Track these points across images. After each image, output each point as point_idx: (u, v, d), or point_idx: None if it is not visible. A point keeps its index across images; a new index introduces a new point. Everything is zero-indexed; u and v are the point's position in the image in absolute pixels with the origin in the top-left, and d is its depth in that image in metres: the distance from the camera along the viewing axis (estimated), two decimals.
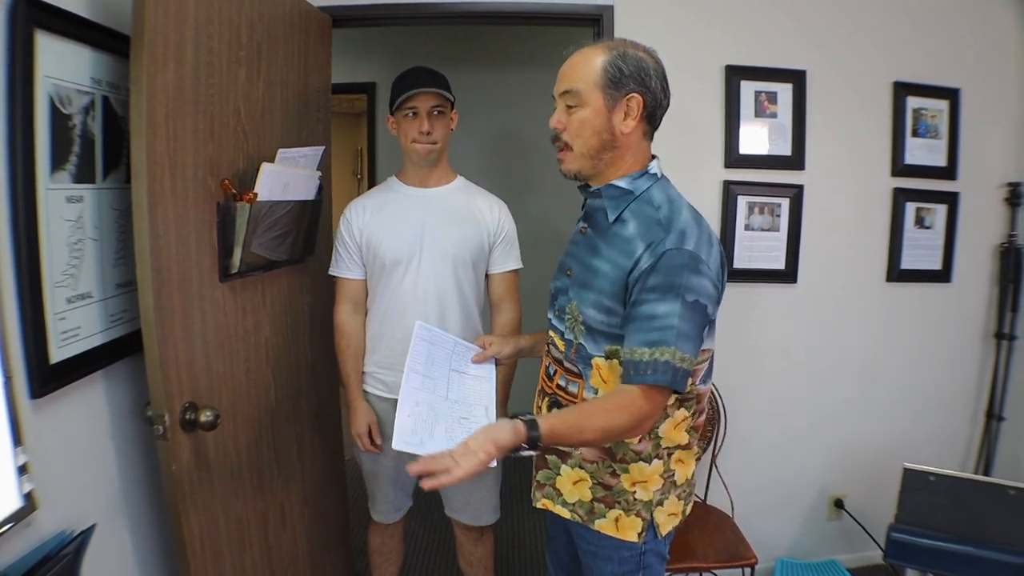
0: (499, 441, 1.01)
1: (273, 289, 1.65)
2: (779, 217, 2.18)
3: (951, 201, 2.25)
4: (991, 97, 2.23)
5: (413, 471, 1.01)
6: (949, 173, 2.24)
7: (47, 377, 1.12)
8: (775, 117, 2.15)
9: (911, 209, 2.23)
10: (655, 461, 1.22)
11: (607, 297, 1.15)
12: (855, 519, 2.33)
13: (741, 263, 2.18)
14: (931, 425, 2.35)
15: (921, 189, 2.23)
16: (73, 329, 1.20)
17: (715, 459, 2.14)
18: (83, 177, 1.23)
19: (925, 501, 1.81)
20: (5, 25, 1.03)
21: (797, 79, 2.13)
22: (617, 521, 1.24)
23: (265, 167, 1.41)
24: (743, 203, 2.16)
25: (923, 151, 2.21)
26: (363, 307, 1.79)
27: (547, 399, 1.30)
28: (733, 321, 2.10)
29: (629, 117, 1.16)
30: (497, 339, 1.51)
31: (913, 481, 1.83)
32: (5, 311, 1.04)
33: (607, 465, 1.23)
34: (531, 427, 1.04)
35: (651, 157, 1.23)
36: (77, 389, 1.22)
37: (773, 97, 2.14)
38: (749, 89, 2.13)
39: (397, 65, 1.83)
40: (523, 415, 1.07)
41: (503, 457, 1.05)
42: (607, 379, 1.18)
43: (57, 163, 1.15)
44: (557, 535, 1.47)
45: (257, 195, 1.40)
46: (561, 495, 1.30)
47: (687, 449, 1.27)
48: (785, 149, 2.16)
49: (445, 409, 1.28)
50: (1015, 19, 2.21)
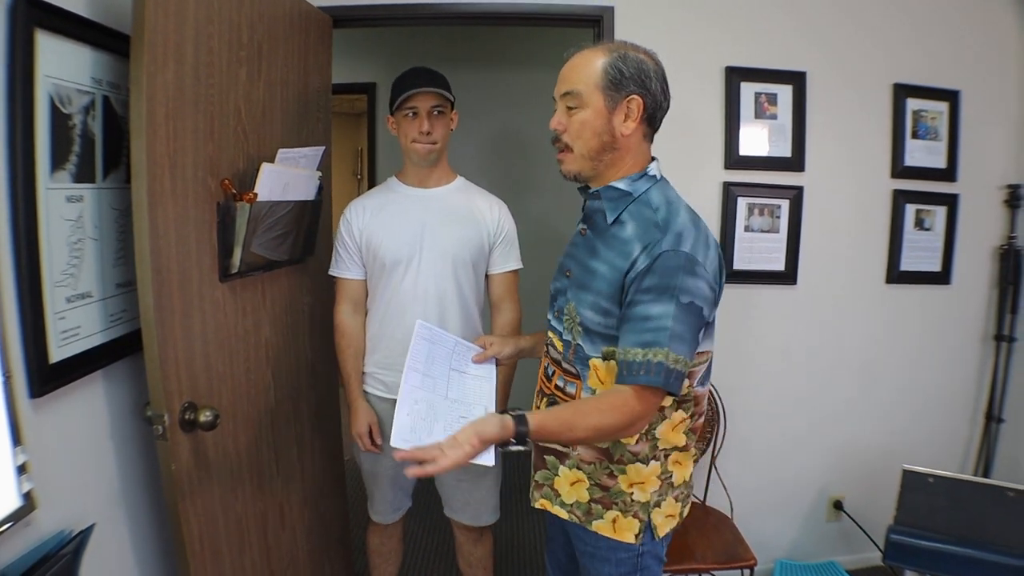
0: (483, 434, 1.02)
1: (273, 289, 1.65)
2: (779, 218, 2.18)
3: (951, 203, 2.25)
4: (991, 99, 2.23)
5: (399, 457, 1.02)
6: (949, 175, 2.24)
7: (46, 377, 1.12)
8: (775, 118, 2.15)
9: (911, 211, 2.23)
10: (652, 463, 1.22)
11: (604, 298, 1.15)
12: (854, 520, 2.33)
13: (741, 264, 2.19)
14: (930, 427, 2.35)
15: (921, 191, 2.23)
16: (73, 329, 1.20)
17: (714, 460, 2.14)
18: (83, 177, 1.23)
19: (924, 503, 1.81)
20: (5, 24, 1.03)
21: (797, 80, 2.13)
22: (614, 522, 1.24)
23: (265, 167, 1.41)
24: (743, 204, 2.16)
25: (923, 153, 2.22)
26: (363, 307, 1.79)
27: (545, 400, 1.30)
28: (733, 322, 2.11)
29: (629, 119, 1.16)
30: (498, 339, 1.51)
31: (912, 483, 1.84)
32: (5, 310, 1.04)
33: (604, 466, 1.23)
34: (519, 422, 1.05)
35: (651, 159, 1.23)
36: (77, 389, 1.22)
37: (773, 98, 2.14)
38: (749, 90, 2.13)
39: (397, 65, 1.83)
40: (513, 410, 1.07)
41: (499, 454, 1.05)
42: (604, 380, 1.18)
43: (57, 163, 1.15)
44: (555, 536, 1.47)
45: (257, 195, 1.40)
46: (559, 496, 1.30)
47: (684, 451, 1.27)
48: (785, 150, 2.16)
49: (444, 408, 1.28)
50: (1015, 21, 2.21)
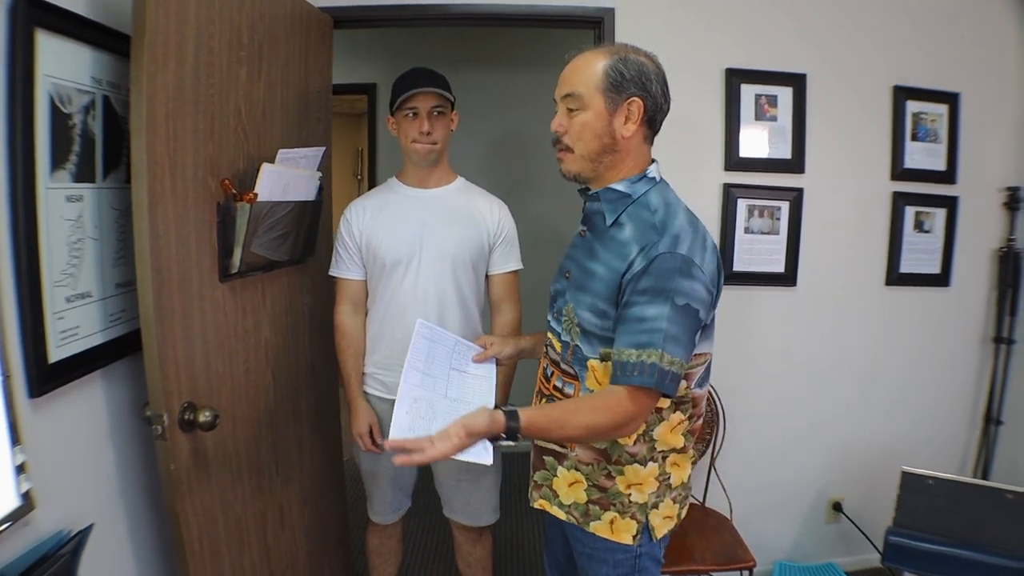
0: (472, 427, 1.02)
1: (273, 289, 1.65)
2: (779, 220, 2.18)
3: (950, 205, 2.25)
4: (991, 101, 2.23)
5: (389, 445, 1.02)
6: (948, 177, 2.24)
7: (46, 376, 1.12)
8: (775, 120, 2.15)
9: (910, 213, 2.23)
10: (650, 464, 1.22)
11: (601, 300, 1.15)
12: (853, 522, 2.33)
13: (741, 266, 2.18)
14: (930, 429, 2.35)
15: (920, 193, 2.23)
16: (72, 328, 1.20)
17: (714, 461, 2.14)
18: (83, 176, 1.23)
19: (923, 504, 1.82)
20: (5, 24, 1.03)
21: (797, 82, 2.14)
22: (612, 523, 1.24)
23: (265, 167, 1.41)
24: (743, 206, 2.16)
25: (923, 155, 2.22)
26: (363, 307, 1.79)
27: (544, 400, 1.30)
28: (732, 324, 2.11)
29: (630, 121, 1.16)
30: (498, 339, 1.52)
31: (911, 484, 1.84)
32: (4, 310, 1.04)
33: (602, 467, 1.23)
34: (510, 418, 1.05)
35: (651, 161, 1.23)
36: (76, 388, 1.21)
37: (773, 100, 2.14)
38: (749, 92, 2.13)
39: (398, 66, 1.83)
40: (506, 406, 1.07)
41: (499, 454, 1.05)
42: (602, 381, 1.18)
43: (57, 162, 1.15)
44: (554, 536, 1.47)
45: (257, 195, 1.40)
46: (558, 496, 1.30)
47: (682, 452, 1.27)
48: (785, 152, 2.16)
49: (444, 407, 1.28)
50: (1015, 24, 2.21)
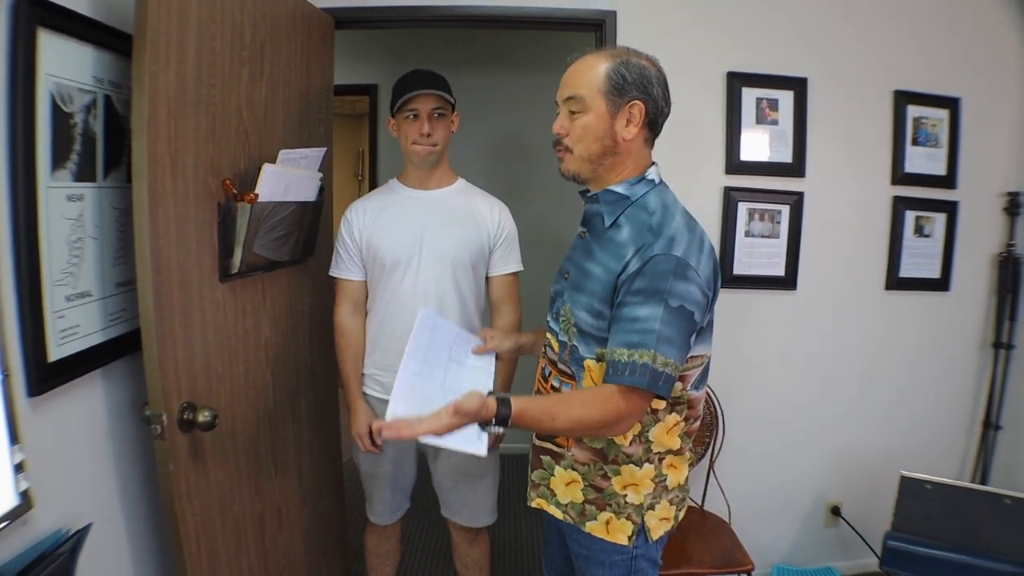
0: (463, 407, 1.01)
1: (273, 290, 1.65)
2: (779, 224, 2.18)
3: (950, 210, 2.25)
4: (991, 107, 2.24)
5: (379, 424, 1.01)
6: (949, 182, 2.24)
7: (45, 375, 1.12)
8: (776, 124, 2.15)
9: (911, 217, 2.23)
10: (646, 465, 1.23)
11: (597, 300, 1.16)
12: (852, 526, 2.33)
13: (741, 269, 2.18)
14: (929, 433, 2.35)
15: (921, 198, 2.23)
16: (72, 327, 1.20)
17: (713, 464, 2.14)
18: (84, 175, 1.23)
19: (921, 509, 1.82)
20: (8, 23, 1.03)
21: (798, 86, 2.14)
22: (608, 524, 1.24)
23: (266, 168, 1.41)
24: (743, 209, 2.16)
25: (923, 160, 2.22)
26: (363, 308, 1.79)
27: None
28: (732, 327, 2.10)
29: (631, 124, 1.16)
30: (499, 333, 1.52)
31: (910, 489, 1.84)
32: (4, 309, 1.04)
33: (599, 467, 1.24)
34: (502, 404, 1.05)
35: (651, 163, 1.23)
36: (75, 387, 1.21)
37: (774, 104, 2.14)
38: (750, 95, 2.13)
39: (399, 67, 1.83)
40: (500, 394, 1.07)
41: (492, 443, 1.04)
42: (597, 381, 1.19)
43: (58, 161, 1.15)
44: (552, 538, 1.47)
45: (258, 196, 1.40)
46: (555, 496, 1.31)
47: (679, 454, 1.27)
48: (786, 156, 2.16)
49: (440, 396, 1.27)
50: (1015, 29, 2.22)
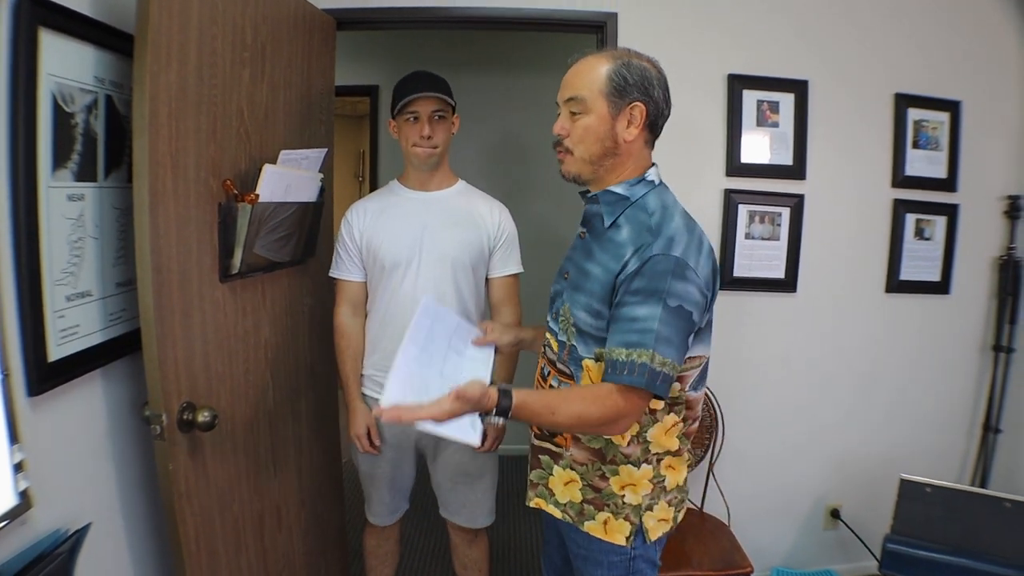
0: (465, 393, 1.00)
1: (273, 290, 1.65)
2: (779, 226, 2.18)
3: (951, 213, 2.25)
4: (992, 110, 2.23)
5: (378, 411, 1.01)
6: (949, 185, 2.24)
7: (45, 375, 1.12)
8: (777, 126, 2.15)
9: (911, 220, 2.23)
10: (644, 466, 1.23)
11: (596, 300, 1.16)
12: (851, 529, 2.33)
13: (741, 271, 2.18)
14: (929, 436, 2.35)
15: (921, 200, 2.23)
16: (72, 327, 1.20)
17: (712, 467, 2.13)
18: (85, 175, 1.23)
19: (921, 512, 1.81)
20: (9, 23, 1.03)
21: (799, 89, 2.14)
22: (606, 524, 1.25)
23: (267, 168, 1.42)
24: (744, 212, 2.16)
25: (924, 163, 2.22)
26: (363, 309, 1.79)
27: None
28: (732, 329, 2.11)
29: (632, 125, 1.17)
30: (499, 325, 1.52)
31: (909, 492, 1.84)
32: (4, 308, 1.04)
33: (597, 467, 1.24)
34: (503, 395, 1.05)
35: (651, 164, 1.24)
36: (75, 387, 1.21)
37: (775, 106, 2.14)
38: (751, 98, 2.13)
39: (400, 68, 1.83)
40: (502, 385, 1.07)
41: (485, 429, 1.03)
42: (595, 380, 1.19)
43: (59, 161, 1.15)
44: (551, 538, 1.47)
45: (259, 196, 1.40)
46: (553, 495, 1.31)
47: (678, 455, 1.27)
48: (786, 158, 2.17)
49: (437, 384, 1.27)
50: (1016, 32, 2.22)
